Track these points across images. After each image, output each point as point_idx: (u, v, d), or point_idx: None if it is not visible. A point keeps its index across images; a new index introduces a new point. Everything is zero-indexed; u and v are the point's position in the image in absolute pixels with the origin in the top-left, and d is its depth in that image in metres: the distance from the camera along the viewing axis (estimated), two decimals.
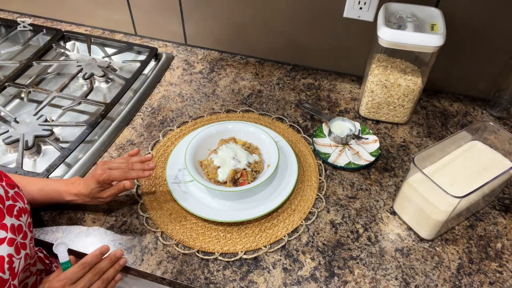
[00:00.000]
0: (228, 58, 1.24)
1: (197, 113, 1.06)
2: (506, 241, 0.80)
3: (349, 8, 1.02)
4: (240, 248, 0.78)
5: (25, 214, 0.58)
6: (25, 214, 0.58)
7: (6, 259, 0.51)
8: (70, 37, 1.28)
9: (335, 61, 1.17)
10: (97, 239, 0.79)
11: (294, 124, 1.04)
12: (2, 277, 0.50)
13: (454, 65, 1.06)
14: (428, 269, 0.76)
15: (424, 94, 1.12)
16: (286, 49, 1.19)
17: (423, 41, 0.86)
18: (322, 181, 0.90)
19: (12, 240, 0.53)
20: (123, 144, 0.98)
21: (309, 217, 0.84)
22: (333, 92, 1.13)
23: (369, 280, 0.74)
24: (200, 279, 0.74)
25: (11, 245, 0.53)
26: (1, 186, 0.56)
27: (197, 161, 0.89)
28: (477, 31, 0.98)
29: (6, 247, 0.52)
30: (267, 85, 1.15)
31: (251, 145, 0.92)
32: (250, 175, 0.85)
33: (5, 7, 1.40)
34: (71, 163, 0.93)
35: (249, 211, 0.81)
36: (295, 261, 0.76)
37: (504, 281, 0.74)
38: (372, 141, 0.98)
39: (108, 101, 1.05)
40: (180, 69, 1.20)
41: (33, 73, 1.18)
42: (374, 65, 0.97)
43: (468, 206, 0.78)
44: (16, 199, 0.59)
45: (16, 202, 0.57)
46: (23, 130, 0.97)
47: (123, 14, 1.25)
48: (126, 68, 1.22)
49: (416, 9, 0.94)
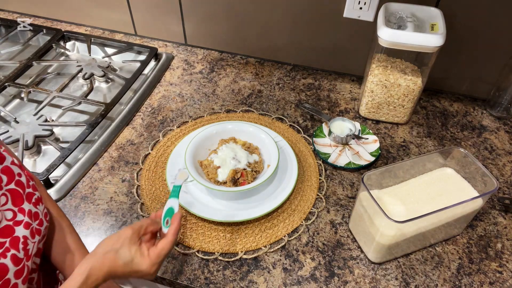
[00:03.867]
0: (228, 58, 1.24)
1: (197, 113, 1.06)
2: (506, 241, 0.80)
3: (349, 8, 1.02)
4: (240, 248, 0.78)
5: (42, 204, 0.60)
6: (41, 204, 0.60)
7: (21, 239, 0.54)
8: (70, 37, 1.28)
9: (335, 61, 1.17)
10: (97, 239, 0.79)
11: (294, 124, 1.04)
12: (18, 256, 0.52)
13: (454, 65, 1.06)
14: (428, 269, 0.76)
15: (424, 94, 1.12)
16: (286, 49, 1.19)
17: (423, 41, 0.86)
18: (322, 181, 0.90)
19: (28, 224, 0.56)
20: (123, 144, 0.98)
21: (309, 217, 0.84)
22: (333, 92, 1.13)
23: (369, 280, 0.74)
24: (200, 279, 0.74)
25: (27, 228, 0.55)
26: (24, 174, 0.59)
27: (197, 161, 0.89)
28: (477, 31, 0.98)
29: (22, 229, 0.54)
30: (267, 85, 1.15)
31: (251, 145, 0.92)
32: (250, 175, 0.85)
33: (5, 7, 1.40)
34: (71, 163, 0.93)
35: (249, 211, 0.81)
36: (295, 261, 0.76)
37: (504, 281, 0.74)
38: (372, 141, 0.98)
39: (108, 101, 1.05)
40: (180, 69, 1.20)
41: (33, 73, 1.18)
42: (374, 65, 0.97)
43: (423, 232, 0.73)
44: (36, 189, 0.61)
45: (35, 191, 0.60)
46: (23, 130, 0.97)
47: (123, 14, 1.25)
48: (126, 68, 1.22)
49: (416, 9, 0.94)
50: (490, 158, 0.96)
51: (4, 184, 0.55)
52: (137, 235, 0.59)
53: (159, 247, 0.59)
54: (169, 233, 0.61)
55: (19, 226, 0.54)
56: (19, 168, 0.58)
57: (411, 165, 0.78)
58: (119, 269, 0.57)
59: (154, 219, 0.64)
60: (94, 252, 0.58)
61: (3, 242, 0.51)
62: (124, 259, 0.57)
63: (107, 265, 0.56)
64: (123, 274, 0.58)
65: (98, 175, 0.91)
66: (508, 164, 0.95)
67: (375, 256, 0.75)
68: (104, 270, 0.56)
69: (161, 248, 0.59)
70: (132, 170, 0.92)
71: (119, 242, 0.58)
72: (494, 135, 1.02)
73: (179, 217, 0.63)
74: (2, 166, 0.56)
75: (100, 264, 0.56)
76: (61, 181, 0.88)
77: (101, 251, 0.57)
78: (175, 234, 0.61)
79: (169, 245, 0.60)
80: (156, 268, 0.59)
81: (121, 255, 0.57)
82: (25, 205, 0.56)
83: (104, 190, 0.88)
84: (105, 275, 0.56)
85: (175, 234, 0.61)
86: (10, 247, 0.52)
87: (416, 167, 0.79)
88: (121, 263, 0.57)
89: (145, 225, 0.61)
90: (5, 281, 0.50)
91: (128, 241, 0.58)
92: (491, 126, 1.04)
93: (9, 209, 0.54)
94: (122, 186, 0.89)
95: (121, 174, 0.91)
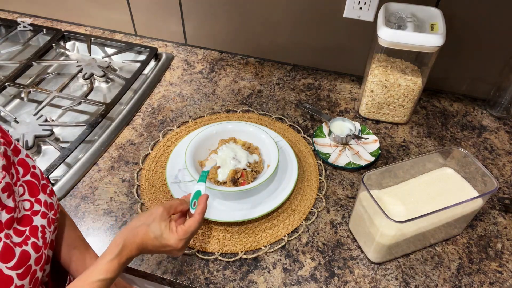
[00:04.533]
0: (228, 58, 1.24)
1: (197, 113, 1.06)
2: (506, 241, 0.80)
3: (349, 8, 1.02)
4: (240, 248, 0.78)
5: (55, 196, 0.63)
6: (55, 195, 0.63)
7: (39, 228, 0.56)
8: (70, 37, 1.28)
9: (335, 61, 1.17)
10: (97, 239, 0.79)
11: (294, 124, 1.04)
12: (37, 244, 0.55)
13: (454, 65, 1.06)
14: (428, 269, 0.76)
15: (424, 94, 1.12)
16: (286, 49, 1.19)
17: (423, 41, 0.86)
18: (322, 181, 0.90)
19: (45, 214, 0.58)
20: (123, 144, 0.98)
21: (309, 217, 0.84)
22: (333, 92, 1.13)
23: (369, 280, 0.74)
24: (200, 279, 0.74)
25: (44, 218, 0.58)
26: (38, 168, 0.61)
27: (197, 161, 0.89)
28: (477, 31, 0.98)
29: (40, 219, 0.57)
30: (267, 85, 1.15)
31: (251, 145, 0.92)
32: (250, 175, 0.85)
33: (5, 7, 1.40)
34: (71, 163, 0.93)
35: (249, 211, 0.81)
36: (295, 261, 0.76)
37: (504, 281, 0.74)
38: (372, 141, 0.98)
39: (108, 101, 1.05)
40: (180, 69, 1.20)
41: (33, 73, 1.18)
42: (374, 65, 0.97)
43: (423, 232, 0.73)
44: (49, 181, 0.65)
45: (49, 183, 0.62)
46: (23, 130, 0.97)
47: (123, 14, 1.25)
48: (126, 68, 1.22)
49: (416, 9, 0.94)
50: (490, 158, 0.96)
51: (21, 176, 0.57)
52: (167, 213, 0.64)
53: (186, 225, 0.64)
54: (196, 213, 0.65)
55: (36, 216, 0.57)
56: (33, 161, 0.61)
57: (411, 165, 0.78)
58: (149, 242, 0.61)
59: (184, 200, 0.68)
60: (127, 226, 0.62)
61: (23, 231, 0.54)
62: (154, 233, 0.61)
63: (139, 237, 0.61)
64: (153, 247, 0.62)
65: (98, 175, 0.91)
66: (508, 164, 0.95)
67: (375, 256, 0.75)
68: (137, 242, 0.60)
69: (188, 226, 0.64)
70: (132, 170, 0.92)
71: (151, 218, 0.62)
72: (494, 135, 1.02)
73: (205, 198, 0.68)
74: (18, 159, 0.58)
75: (134, 235, 0.60)
76: (61, 181, 0.88)
77: (134, 225, 0.62)
78: (202, 214, 0.66)
79: (196, 224, 0.64)
80: (183, 244, 0.63)
81: (152, 229, 0.61)
82: (41, 196, 0.59)
83: (104, 190, 0.88)
84: (138, 247, 0.61)
85: (202, 214, 0.66)
86: (30, 235, 0.54)
87: (416, 167, 0.79)
88: (152, 236, 0.61)
89: (175, 205, 0.66)
90: (27, 267, 0.52)
91: (159, 217, 0.62)
92: (491, 126, 1.04)
93: (26, 200, 0.56)
94: (122, 186, 0.89)
95: (121, 174, 0.91)
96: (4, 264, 0.49)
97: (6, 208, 0.52)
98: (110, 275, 0.57)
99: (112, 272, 0.57)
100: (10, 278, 0.50)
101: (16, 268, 0.50)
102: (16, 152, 0.58)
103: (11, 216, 0.52)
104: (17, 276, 0.50)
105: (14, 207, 0.53)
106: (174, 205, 0.66)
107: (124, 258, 0.59)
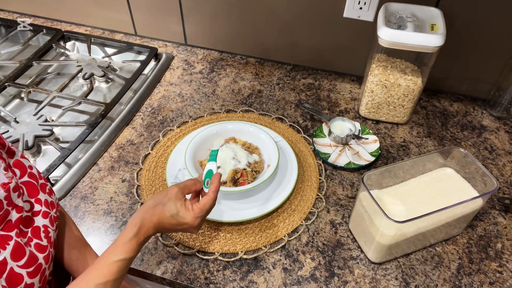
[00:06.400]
0: (228, 58, 1.24)
1: (197, 113, 1.06)
2: (506, 241, 0.80)
3: (349, 8, 1.02)
4: (240, 248, 0.78)
5: (54, 194, 0.63)
6: (54, 194, 0.63)
7: (42, 228, 0.56)
8: (70, 37, 1.28)
9: (335, 61, 1.17)
10: (97, 239, 0.79)
11: (294, 124, 1.04)
12: (42, 244, 0.55)
13: (454, 65, 1.06)
14: (428, 269, 0.76)
15: (424, 94, 1.12)
16: (286, 49, 1.19)
17: (423, 41, 0.86)
18: (322, 181, 0.90)
19: (47, 213, 0.58)
20: (123, 144, 0.98)
21: (309, 217, 0.84)
22: (333, 92, 1.13)
23: (369, 280, 0.74)
24: (200, 279, 0.74)
25: (45, 217, 0.58)
26: (35, 167, 0.62)
27: (197, 161, 0.89)
28: (477, 31, 0.98)
29: (41, 219, 0.57)
30: (267, 85, 1.15)
31: (251, 145, 0.92)
32: (250, 175, 0.85)
33: (5, 7, 1.40)
34: (71, 163, 0.93)
35: (249, 211, 0.81)
36: (295, 261, 0.76)
37: (504, 281, 0.74)
38: (372, 141, 0.98)
39: (108, 101, 1.05)
40: (180, 69, 1.20)
41: (33, 73, 1.18)
42: (374, 65, 0.97)
43: (423, 232, 0.73)
44: (47, 181, 0.65)
45: (47, 183, 0.62)
46: (23, 130, 0.97)
47: (123, 14, 1.25)
48: (126, 68, 1.22)
49: (416, 9, 0.94)
50: (490, 158, 0.96)
51: (18, 178, 0.57)
52: (182, 192, 0.66)
53: (201, 203, 0.65)
54: (209, 191, 0.67)
55: (37, 217, 0.57)
56: (28, 161, 0.61)
57: (411, 165, 0.78)
58: (166, 221, 0.63)
59: (197, 180, 0.70)
60: (143, 206, 0.63)
61: (25, 232, 0.54)
62: (170, 211, 0.63)
63: (156, 215, 0.62)
64: (170, 226, 0.63)
65: (98, 175, 0.91)
66: (508, 164, 0.95)
67: (375, 256, 0.75)
68: (154, 221, 0.61)
69: (204, 204, 0.65)
70: (132, 170, 0.92)
71: (166, 198, 0.64)
72: (494, 135, 1.02)
73: (218, 177, 0.69)
74: (13, 160, 0.58)
75: (150, 215, 0.62)
76: (61, 181, 0.88)
77: (150, 205, 0.63)
78: (216, 192, 0.67)
79: (210, 201, 0.66)
80: (199, 222, 0.65)
81: (168, 207, 0.63)
82: (41, 195, 0.59)
83: (104, 190, 0.88)
84: (155, 226, 0.62)
85: (216, 192, 0.67)
86: (32, 237, 0.55)
87: (416, 167, 0.79)
88: (168, 215, 0.62)
89: (189, 185, 0.68)
90: (38, 265, 0.53)
91: (174, 197, 0.64)
92: (491, 126, 1.04)
93: (26, 201, 0.56)
94: (122, 186, 0.89)
95: (121, 174, 0.91)
96: (15, 262, 0.50)
97: (17, 207, 0.52)
98: (130, 255, 0.58)
99: (132, 251, 0.58)
100: (20, 276, 0.50)
101: (26, 266, 0.51)
102: (10, 154, 0.58)
103: (20, 216, 0.53)
104: (27, 275, 0.51)
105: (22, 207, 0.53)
106: (188, 185, 0.67)
107: (142, 238, 0.60)
